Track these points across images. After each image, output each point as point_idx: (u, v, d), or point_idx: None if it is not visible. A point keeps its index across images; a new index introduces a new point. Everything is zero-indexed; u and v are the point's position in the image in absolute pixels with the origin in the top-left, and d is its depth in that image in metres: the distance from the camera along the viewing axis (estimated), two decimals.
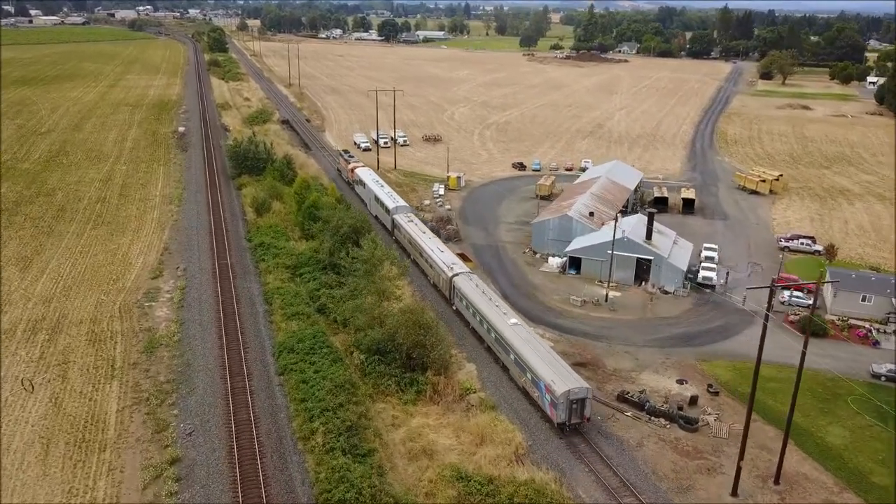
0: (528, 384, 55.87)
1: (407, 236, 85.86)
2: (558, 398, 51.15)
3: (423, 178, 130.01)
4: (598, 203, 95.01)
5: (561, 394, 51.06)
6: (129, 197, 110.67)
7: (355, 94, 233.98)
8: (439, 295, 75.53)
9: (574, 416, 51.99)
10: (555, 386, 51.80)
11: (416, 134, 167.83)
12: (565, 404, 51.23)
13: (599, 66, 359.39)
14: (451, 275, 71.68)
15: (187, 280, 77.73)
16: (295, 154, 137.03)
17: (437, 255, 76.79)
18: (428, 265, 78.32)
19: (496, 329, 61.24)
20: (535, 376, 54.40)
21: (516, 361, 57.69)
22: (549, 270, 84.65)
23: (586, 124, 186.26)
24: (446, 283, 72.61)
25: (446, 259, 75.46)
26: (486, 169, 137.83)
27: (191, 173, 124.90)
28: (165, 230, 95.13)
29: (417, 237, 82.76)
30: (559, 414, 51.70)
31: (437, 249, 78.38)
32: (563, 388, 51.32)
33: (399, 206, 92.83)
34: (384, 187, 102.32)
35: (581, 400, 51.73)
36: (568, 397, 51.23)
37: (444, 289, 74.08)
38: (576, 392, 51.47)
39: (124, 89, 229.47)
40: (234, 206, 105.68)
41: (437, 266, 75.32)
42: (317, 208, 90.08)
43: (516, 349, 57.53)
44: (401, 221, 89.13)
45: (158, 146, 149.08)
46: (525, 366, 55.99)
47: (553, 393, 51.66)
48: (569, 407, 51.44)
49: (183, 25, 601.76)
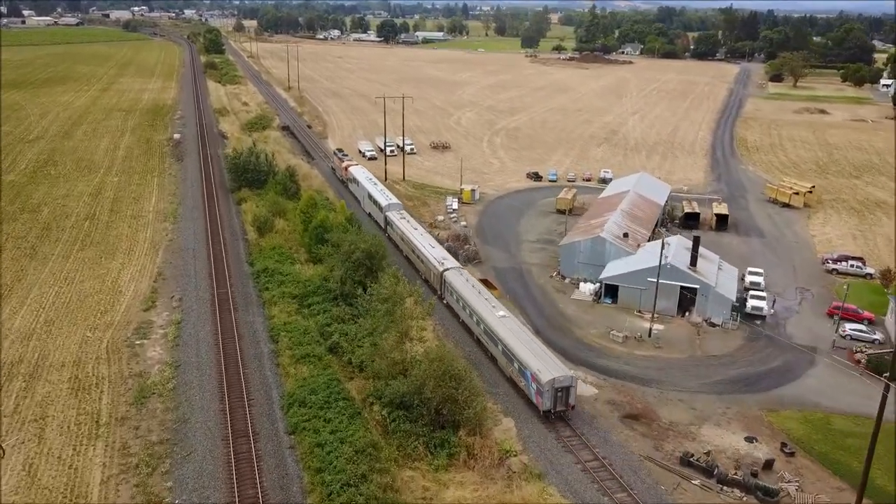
0: (516, 374, 57.54)
1: (399, 233, 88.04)
2: (543, 386, 52.68)
3: (434, 190, 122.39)
4: (630, 222, 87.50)
5: (546, 382, 52.56)
6: (121, 213, 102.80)
7: (357, 97, 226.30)
8: (430, 289, 77.00)
9: (559, 403, 53.56)
10: (540, 375, 53.27)
11: (422, 141, 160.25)
12: (550, 392, 52.83)
13: (604, 67, 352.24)
14: (442, 269, 73.79)
15: (183, 312, 69.96)
16: (297, 164, 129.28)
17: (429, 250, 79.06)
18: (419, 261, 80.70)
19: (485, 321, 62.78)
20: (522, 366, 55.90)
21: (504, 352, 59.30)
22: (581, 298, 77.10)
23: (599, 130, 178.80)
24: (437, 277, 74.86)
25: (437, 254, 77.69)
26: (500, 180, 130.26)
27: (187, 186, 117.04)
28: (159, 252, 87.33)
29: (409, 234, 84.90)
30: (544, 402, 53.24)
31: (429, 245, 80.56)
32: (548, 377, 52.82)
33: (392, 204, 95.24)
34: (377, 185, 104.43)
35: (565, 388, 53.33)
36: (553, 385, 52.72)
37: (434, 283, 76.42)
38: (560, 380, 53.02)
39: (117, 93, 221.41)
40: (234, 224, 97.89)
41: (428, 261, 77.56)
42: (325, 229, 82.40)
43: (504, 340, 59.20)
44: (393, 218, 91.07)
45: (152, 155, 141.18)
46: (512, 356, 57.60)
47: (539, 381, 53.18)
48: (554, 395, 53.00)
49: (178, 26, 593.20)
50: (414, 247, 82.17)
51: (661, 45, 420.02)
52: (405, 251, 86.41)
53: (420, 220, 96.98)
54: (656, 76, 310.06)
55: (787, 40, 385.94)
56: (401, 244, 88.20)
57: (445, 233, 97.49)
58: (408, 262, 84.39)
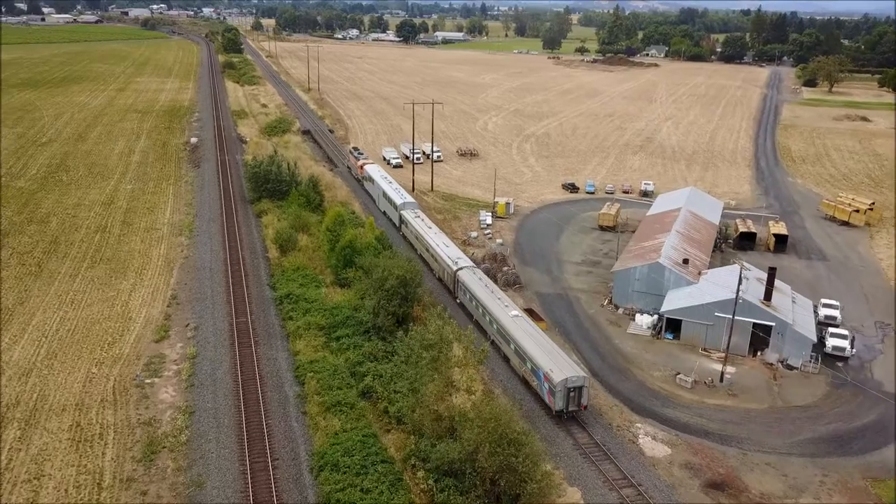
0: (528, 373, 57.18)
1: (414, 231, 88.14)
2: (556, 386, 52.43)
3: (465, 201, 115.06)
4: (688, 245, 79.67)
5: (559, 382, 52.34)
6: (134, 225, 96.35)
7: (378, 100, 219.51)
8: (444, 288, 77.36)
9: (571, 403, 53.22)
10: (553, 374, 53.03)
11: (448, 147, 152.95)
12: (563, 392, 52.53)
13: (630, 70, 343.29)
14: (456, 269, 73.64)
15: (198, 345, 63.11)
16: (320, 173, 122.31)
17: (443, 249, 78.98)
18: (434, 260, 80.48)
19: (498, 321, 62.69)
20: (535, 365, 55.73)
21: (516, 351, 59.06)
22: (638, 332, 69.48)
23: (634, 137, 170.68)
24: (451, 276, 74.64)
25: (451, 254, 77.46)
26: (533, 191, 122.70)
27: (204, 195, 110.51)
28: (174, 271, 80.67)
29: (424, 232, 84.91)
30: (557, 402, 52.90)
31: (443, 244, 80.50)
32: (560, 377, 52.55)
33: (406, 202, 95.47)
34: (392, 183, 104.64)
35: (578, 388, 52.89)
36: (565, 385, 52.40)
37: (448, 283, 76.25)
38: (573, 380, 52.66)
39: (134, 93, 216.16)
40: (254, 240, 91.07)
41: (442, 260, 77.40)
42: (354, 250, 75.37)
43: (516, 339, 59.11)
44: (408, 217, 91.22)
45: (168, 160, 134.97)
46: (525, 355, 57.37)
47: (551, 381, 52.90)
48: (566, 395, 52.67)
49: (196, 24, 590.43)
50: (428, 245, 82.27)
51: (688, 47, 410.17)
52: (419, 249, 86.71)
53: (452, 237, 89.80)
54: (684, 80, 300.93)
55: (817, 44, 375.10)
56: (415, 242, 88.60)
57: (481, 251, 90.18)
58: (422, 260, 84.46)
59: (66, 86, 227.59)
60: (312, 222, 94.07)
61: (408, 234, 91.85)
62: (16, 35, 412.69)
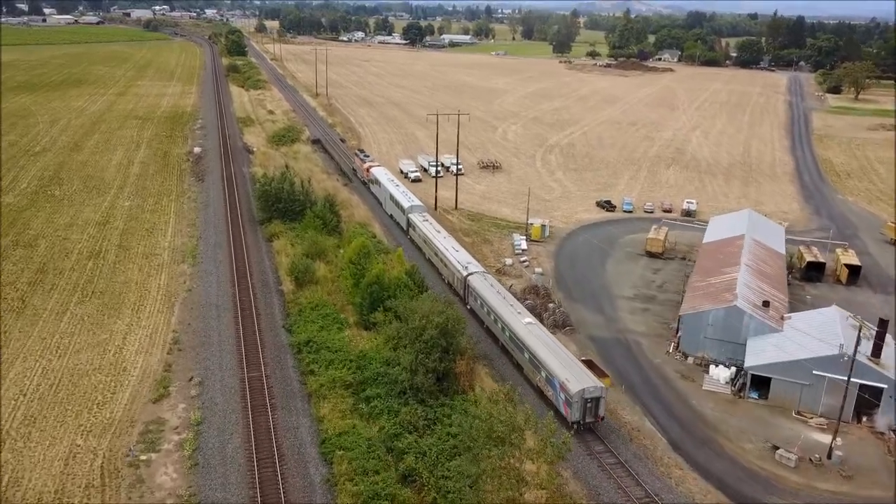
0: (543, 383, 55.70)
1: (422, 235, 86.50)
2: (573, 396, 51.04)
3: (493, 221, 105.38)
4: (761, 281, 69.89)
5: (575, 392, 50.92)
6: (131, 250, 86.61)
7: (389, 106, 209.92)
8: (453, 293, 74.95)
9: (588, 414, 51.78)
10: (569, 384, 51.67)
11: (468, 158, 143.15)
12: (580, 403, 51.12)
13: (645, 75, 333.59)
14: (466, 274, 71.97)
15: (204, 407, 53.37)
16: (334, 189, 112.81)
17: (452, 254, 77.37)
18: (443, 264, 79.02)
19: (510, 328, 61.12)
20: (550, 374, 54.26)
21: (531, 360, 57.42)
22: (715, 389, 59.71)
23: (663, 148, 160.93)
24: (461, 282, 73.12)
25: (461, 259, 75.95)
26: (566, 209, 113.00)
27: (208, 214, 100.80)
28: (175, 307, 70.94)
29: (432, 237, 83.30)
30: (573, 412, 51.45)
31: (452, 249, 78.90)
32: (577, 387, 51.15)
33: (414, 206, 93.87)
34: (399, 186, 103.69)
35: (595, 399, 51.51)
36: (582, 396, 51.02)
37: (458, 288, 74.45)
38: (591, 391, 51.24)
39: (135, 98, 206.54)
40: (266, 269, 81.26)
41: (451, 265, 75.85)
42: (382, 287, 65.65)
43: (531, 348, 57.38)
44: (416, 220, 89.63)
45: (170, 173, 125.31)
46: (540, 364, 55.75)
47: (567, 391, 51.58)
48: (583, 405, 51.30)
49: (199, 26, 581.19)
50: (437, 250, 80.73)
51: (702, 52, 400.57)
52: (427, 254, 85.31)
53: (485, 264, 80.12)
54: (702, 85, 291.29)
55: (836, 49, 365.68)
56: (423, 247, 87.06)
57: (519, 282, 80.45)
58: (430, 265, 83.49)
59: (63, 89, 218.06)
60: (329, 247, 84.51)
61: (415, 237, 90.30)
62: (15, 36, 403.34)
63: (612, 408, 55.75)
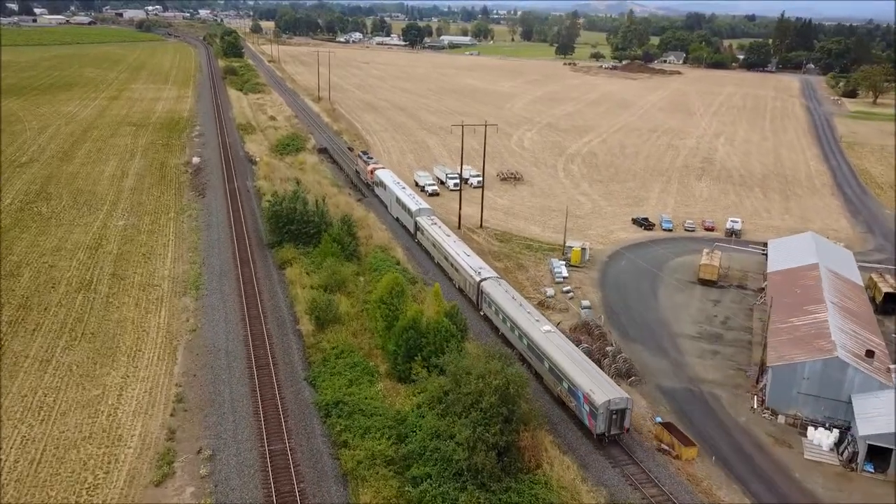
0: (565, 393, 54.18)
1: (431, 239, 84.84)
2: (598, 408, 49.28)
3: (523, 242, 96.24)
4: (851, 322, 60.95)
5: (601, 404, 49.21)
6: (126, 280, 77.05)
7: (396, 111, 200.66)
8: (465, 299, 73.73)
9: (613, 426, 49.97)
10: (594, 396, 49.95)
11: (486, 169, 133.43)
12: (605, 414, 49.36)
13: (654, 78, 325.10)
14: (479, 279, 70.52)
15: (217, 492, 44.00)
16: (348, 205, 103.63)
17: (464, 259, 75.79)
18: (454, 269, 77.54)
19: (529, 336, 59.52)
20: (573, 385, 52.71)
21: (551, 370, 55.94)
22: (819, 458, 50.68)
23: (689, 157, 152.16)
24: (473, 287, 71.63)
25: (473, 264, 74.26)
26: (600, 227, 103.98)
27: (212, 236, 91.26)
28: (178, 353, 61.54)
29: (442, 241, 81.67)
30: (598, 424, 49.64)
31: (464, 254, 77.30)
32: (602, 399, 49.45)
33: (422, 209, 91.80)
34: (405, 189, 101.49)
35: (621, 410, 49.74)
36: (608, 407, 49.29)
37: (471, 294, 73.00)
38: (616, 402, 49.55)
39: (128, 102, 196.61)
40: (279, 303, 71.79)
41: (463, 271, 74.45)
42: (419, 333, 56.38)
43: (551, 357, 55.83)
44: (424, 224, 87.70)
45: (167, 186, 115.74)
46: (561, 374, 54.24)
47: (592, 403, 49.87)
48: (609, 417, 49.50)
49: (193, 26, 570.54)
50: (447, 254, 79.28)
51: (709, 54, 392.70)
52: (437, 258, 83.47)
53: (524, 294, 70.99)
54: (714, 89, 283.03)
55: (846, 51, 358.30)
56: (432, 251, 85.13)
57: (566, 318, 71.31)
58: (439, 269, 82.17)
59: (53, 93, 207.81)
60: (349, 275, 75.28)
61: (424, 241, 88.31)
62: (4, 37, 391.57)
63: (705, 486, 46.71)
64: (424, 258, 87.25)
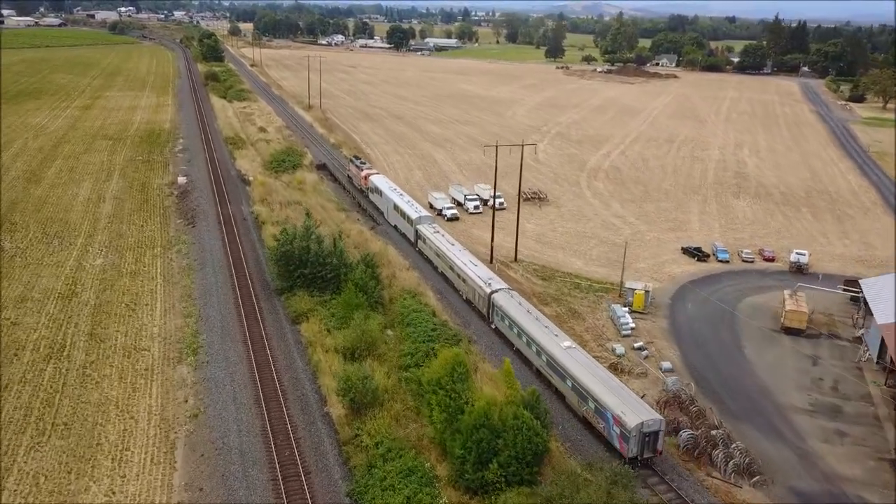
0: (591, 414, 50.97)
1: (434, 248, 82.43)
2: (630, 431, 46.60)
3: (568, 279, 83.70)
4: None
5: (633, 427, 46.48)
6: (107, 342, 63.16)
7: (393, 120, 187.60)
8: (473, 311, 71.51)
9: (646, 449, 47.26)
10: (626, 418, 47.12)
11: (503, 187, 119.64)
12: (638, 437, 46.71)
13: (651, 82, 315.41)
14: (490, 291, 67.78)
15: None
16: (360, 235, 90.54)
17: (471, 269, 73.25)
18: (461, 280, 74.71)
19: (548, 352, 56.46)
20: (601, 406, 49.63)
21: (575, 388, 52.93)
22: None
23: (720, 172, 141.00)
24: (484, 299, 68.79)
25: (482, 274, 71.81)
26: (648, 257, 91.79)
27: (207, 277, 77.50)
28: (177, 453, 48.03)
29: (447, 250, 79.21)
30: (631, 448, 46.95)
31: (470, 263, 74.76)
32: (635, 421, 46.67)
33: (422, 217, 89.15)
34: (403, 196, 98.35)
35: (654, 433, 47.04)
36: (641, 430, 46.58)
37: (480, 306, 70.20)
38: (649, 424, 46.85)
39: (103, 112, 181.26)
40: (298, 373, 58.32)
41: (472, 281, 71.56)
42: (494, 432, 43.52)
43: (575, 376, 52.83)
44: (426, 232, 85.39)
45: (151, 212, 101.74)
46: (587, 394, 51.20)
47: (624, 426, 47.12)
48: (641, 440, 46.86)
49: (168, 28, 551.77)
50: (453, 264, 76.57)
51: (704, 57, 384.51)
52: (440, 267, 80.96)
53: (589, 351, 58.41)
54: (716, 94, 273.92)
55: (842, 54, 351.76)
56: (435, 260, 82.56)
57: (644, 384, 58.87)
58: (443, 278, 79.58)
59: (20, 102, 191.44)
60: (377, 331, 62.23)
61: (426, 250, 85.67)
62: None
63: None
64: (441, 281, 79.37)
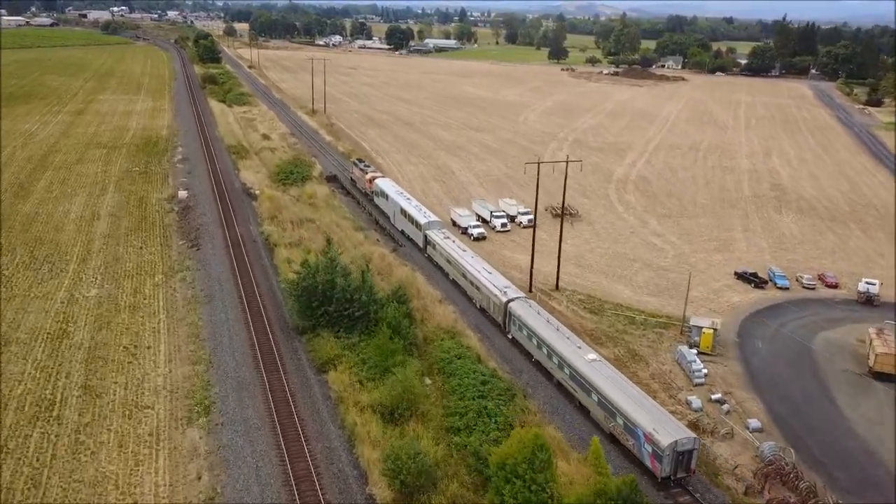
0: (620, 431, 49.24)
1: (444, 254, 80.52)
2: (663, 450, 44.82)
3: (619, 312, 75.05)
4: None
5: (667, 445, 44.71)
6: (104, 397, 54.24)
7: (402, 126, 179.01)
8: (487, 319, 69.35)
9: (680, 468, 45.43)
10: (658, 436, 45.36)
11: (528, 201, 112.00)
12: (671, 456, 44.95)
13: (660, 85, 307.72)
14: (506, 300, 65.67)
15: None
16: (382, 259, 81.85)
17: (485, 276, 71.25)
18: (474, 288, 72.53)
19: (571, 365, 54.72)
20: (630, 423, 47.89)
21: (601, 403, 51.16)
22: None
23: (754, 183, 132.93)
24: (499, 308, 66.57)
25: (497, 282, 69.68)
26: (698, 283, 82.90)
27: (216, 312, 68.60)
28: None
29: (458, 256, 77.06)
30: (664, 467, 45.16)
31: (484, 271, 72.64)
32: (668, 440, 44.91)
33: (432, 222, 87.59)
34: (411, 200, 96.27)
35: (688, 451, 45.33)
36: (674, 449, 44.86)
37: (496, 315, 67.93)
38: (683, 443, 45.16)
39: (97, 117, 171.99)
40: (332, 441, 49.45)
41: (487, 290, 69.45)
42: None
43: (601, 390, 51.04)
44: (435, 238, 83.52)
45: (150, 232, 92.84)
46: (616, 410, 49.40)
47: (656, 444, 45.32)
48: (675, 459, 45.08)
49: (162, 28, 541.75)
50: (465, 271, 74.80)
51: (711, 59, 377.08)
52: (452, 274, 79.20)
53: (660, 402, 50.09)
54: (728, 97, 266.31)
55: (853, 56, 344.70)
56: (446, 267, 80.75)
57: (732, 448, 50.40)
58: (455, 285, 77.81)
59: (10, 107, 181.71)
60: (416, 384, 53.48)
61: (435, 256, 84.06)
62: None
63: None
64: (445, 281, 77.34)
